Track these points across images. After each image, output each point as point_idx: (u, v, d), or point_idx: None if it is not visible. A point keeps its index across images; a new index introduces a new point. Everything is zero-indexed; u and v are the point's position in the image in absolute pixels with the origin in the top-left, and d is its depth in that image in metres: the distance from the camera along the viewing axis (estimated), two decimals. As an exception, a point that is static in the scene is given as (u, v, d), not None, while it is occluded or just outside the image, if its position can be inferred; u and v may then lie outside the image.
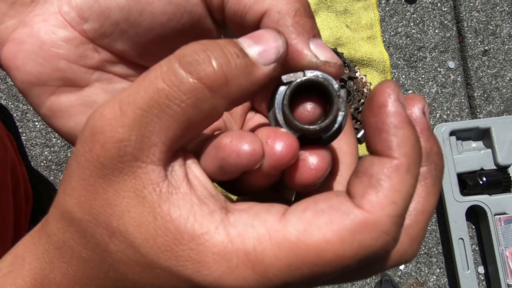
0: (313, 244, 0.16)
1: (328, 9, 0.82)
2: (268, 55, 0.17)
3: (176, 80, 0.16)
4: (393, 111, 0.17)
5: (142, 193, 0.17)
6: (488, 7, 0.85)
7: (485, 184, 0.74)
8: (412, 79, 0.82)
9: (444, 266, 0.78)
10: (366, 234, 0.16)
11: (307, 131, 0.18)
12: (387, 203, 0.16)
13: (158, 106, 0.16)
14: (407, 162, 0.16)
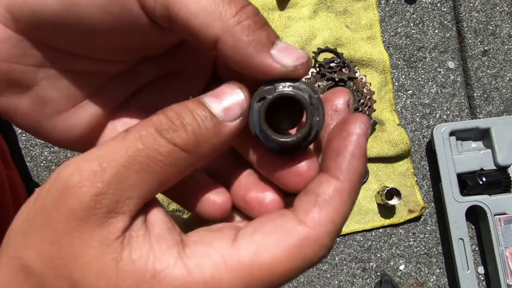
0: (265, 263, 0.18)
1: (328, 9, 0.82)
2: (233, 112, 0.19)
3: (155, 143, 0.18)
4: (357, 142, 0.19)
5: (107, 242, 0.18)
6: (487, 8, 0.85)
7: (485, 184, 0.74)
8: (412, 79, 0.82)
9: (444, 266, 0.78)
10: (309, 248, 0.18)
11: (286, 144, 0.19)
12: (327, 221, 0.18)
13: (138, 164, 0.18)
14: (350, 187, 0.19)
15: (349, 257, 0.78)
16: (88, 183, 0.17)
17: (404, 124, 0.81)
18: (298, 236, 0.18)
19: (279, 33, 0.81)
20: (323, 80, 0.79)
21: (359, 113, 0.20)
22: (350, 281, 0.77)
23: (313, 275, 0.77)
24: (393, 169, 0.79)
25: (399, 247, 0.78)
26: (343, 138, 0.19)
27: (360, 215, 0.78)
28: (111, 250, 0.18)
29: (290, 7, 0.82)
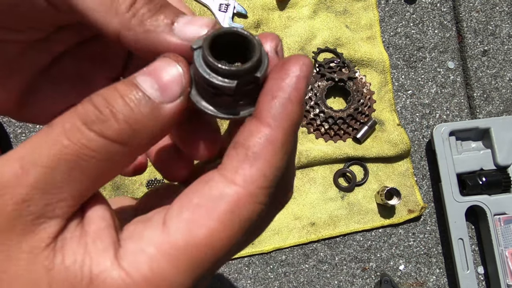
0: (202, 240, 0.16)
1: (327, 9, 0.82)
2: (171, 91, 0.17)
3: (83, 138, 0.16)
4: (295, 86, 0.17)
5: (37, 251, 0.16)
6: (487, 8, 0.85)
7: (484, 184, 0.74)
8: (411, 79, 0.82)
9: (444, 266, 0.78)
10: (243, 209, 0.17)
11: (243, 71, 0.17)
12: (258, 176, 0.17)
13: (65, 163, 0.16)
14: (284, 136, 0.17)
15: (349, 257, 0.78)
16: (9, 189, 0.15)
17: (404, 124, 0.81)
18: (228, 200, 0.17)
19: (279, 33, 0.81)
20: (323, 80, 0.79)
21: (302, 56, 0.18)
22: (350, 281, 0.77)
23: (313, 275, 0.77)
24: (393, 169, 0.79)
25: (399, 247, 0.78)
26: (280, 80, 0.17)
27: (359, 215, 0.78)
28: (42, 258, 0.16)
29: (290, 7, 0.82)
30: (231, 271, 0.77)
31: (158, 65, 0.17)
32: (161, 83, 0.17)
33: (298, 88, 0.17)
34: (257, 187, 0.17)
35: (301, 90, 0.17)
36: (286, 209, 0.78)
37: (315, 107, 0.78)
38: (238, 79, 0.17)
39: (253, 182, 0.17)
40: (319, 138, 0.80)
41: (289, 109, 0.17)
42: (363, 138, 0.79)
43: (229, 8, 0.80)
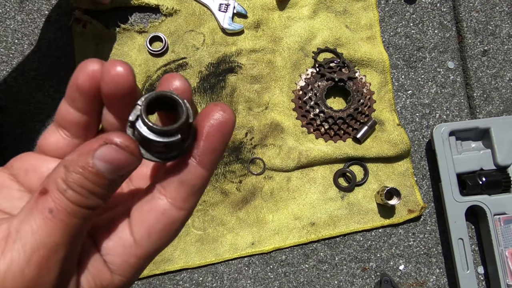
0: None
1: (327, 9, 0.82)
2: (115, 166, 0.20)
3: (64, 206, 0.20)
4: (216, 134, 0.22)
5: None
6: (487, 8, 0.85)
7: (484, 184, 0.74)
8: (411, 79, 0.82)
9: (444, 266, 0.78)
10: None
11: (171, 130, 0.20)
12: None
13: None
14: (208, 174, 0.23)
15: (349, 257, 0.78)
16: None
17: (404, 124, 0.81)
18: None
19: (278, 33, 0.81)
20: (322, 80, 0.79)
21: (218, 102, 0.22)
22: (350, 281, 0.77)
23: (313, 275, 0.77)
24: (393, 169, 0.79)
25: (398, 247, 0.78)
26: (201, 132, 0.22)
27: (359, 215, 0.78)
28: None
29: (289, 7, 0.82)
30: (231, 271, 0.77)
31: (105, 149, 0.20)
32: (105, 158, 0.20)
33: (219, 135, 0.21)
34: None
35: (221, 137, 0.22)
36: (286, 209, 0.78)
37: (315, 107, 0.78)
38: (168, 137, 0.21)
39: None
40: (319, 138, 0.80)
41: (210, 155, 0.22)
42: (363, 138, 0.79)
43: (229, 8, 0.80)
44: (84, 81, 0.22)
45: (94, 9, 0.79)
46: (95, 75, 0.22)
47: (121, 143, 0.20)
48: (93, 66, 0.22)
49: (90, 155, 0.19)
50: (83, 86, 0.22)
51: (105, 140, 0.20)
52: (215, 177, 0.78)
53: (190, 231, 0.77)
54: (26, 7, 0.80)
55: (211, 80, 0.80)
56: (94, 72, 0.22)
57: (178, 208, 0.22)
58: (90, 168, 0.19)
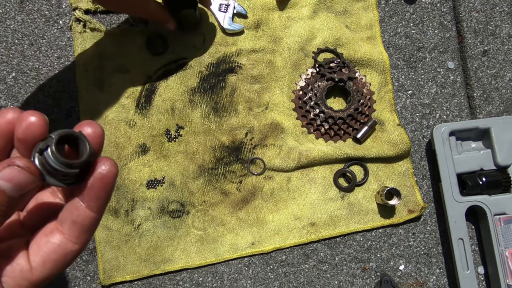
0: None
1: (327, 9, 0.82)
2: (15, 186, 0.23)
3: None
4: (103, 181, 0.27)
5: None
6: (487, 8, 0.85)
7: (484, 184, 0.74)
8: (411, 80, 0.82)
9: (444, 266, 0.78)
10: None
11: (74, 164, 0.25)
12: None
13: None
14: (100, 211, 0.27)
15: (349, 257, 0.78)
16: None
17: (404, 124, 0.81)
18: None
19: (278, 33, 0.81)
20: (323, 80, 0.79)
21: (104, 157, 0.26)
22: (350, 281, 0.77)
23: (313, 275, 0.77)
24: (393, 169, 0.79)
25: (399, 247, 0.78)
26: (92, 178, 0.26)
27: (360, 215, 0.78)
28: None
29: (290, 7, 0.82)
30: (231, 271, 0.77)
31: (8, 170, 0.23)
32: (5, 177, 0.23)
33: (101, 186, 0.26)
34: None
35: (104, 187, 0.26)
36: (286, 209, 0.78)
37: (315, 107, 0.78)
38: (70, 168, 0.25)
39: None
40: (319, 138, 0.80)
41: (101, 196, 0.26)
42: (363, 138, 0.79)
43: (229, 8, 0.80)
44: (3, 124, 0.25)
45: (94, 9, 0.79)
46: (12, 120, 0.25)
47: (23, 164, 0.23)
48: (12, 114, 0.25)
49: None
50: (1, 129, 0.25)
51: (8, 163, 0.23)
52: (215, 177, 0.78)
53: (190, 231, 0.77)
54: (26, 7, 0.80)
55: (211, 80, 0.80)
56: (12, 118, 0.25)
57: (73, 242, 0.26)
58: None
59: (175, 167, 0.77)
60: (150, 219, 0.76)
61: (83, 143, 0.26)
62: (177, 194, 0.77)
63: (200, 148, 0.78)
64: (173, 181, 0.77)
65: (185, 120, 0.79)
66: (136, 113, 0.78)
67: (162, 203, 0.77)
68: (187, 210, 0.77)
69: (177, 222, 0.77)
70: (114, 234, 0.76)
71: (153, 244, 0.76)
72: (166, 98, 0.79)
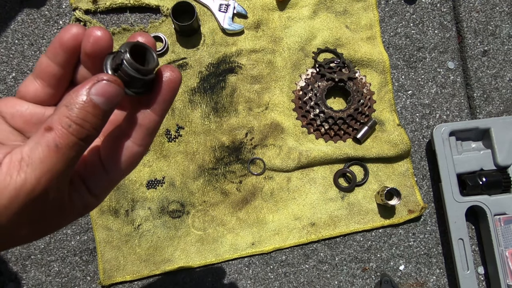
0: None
1: (327, 9, 0.82)
2: (108, 99, 0.25)
3: (66, 139, 0.25)
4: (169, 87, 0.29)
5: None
6: (487, 8, 0.85)
7: (484, 185, 0.74)
8: (411, 80, 0.82)
9: (444, 266, 0.78)
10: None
11: (149, 70, 0.26)
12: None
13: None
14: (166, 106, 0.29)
15: (349, 257, 0.78)
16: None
17: (404, 124, 0.81)
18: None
19: (278, 33, 0.81)
20: (323, 80, 0.79)
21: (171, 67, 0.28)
22: (350, 281, 0.77)
23: (313, 275, 0.77)
24: (393, 169, 0.79)
25: (399, 247, 0.78)
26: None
27: (360, 215, 0.78)
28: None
29: (290, 7, 0.82)
30: (231, 272, 0.77)
31: (99, 85, 0.25)
32: (98, 92, 0.25)
33: (168, 89, 0.28)
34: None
35: (170, 91, 0.28)
36: (286, 209, 0.78)
37: (315, 107, 0.78)
38: (146, 75, 0.26)
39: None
40: (319, 139, 0.80)
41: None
42: (363, 138, 0.79)
43: (229, 8, 0.80)
44: (68, 39, 0.27)
45: (94, 9, 0.79)
46: (78, 36, 0.27)
47: (110, 78, 0.25)
48: (77, 29, 0.27)
49: (86, 92, 0.24)
50: (67, 43, 0.27)
51: (97, 79, 0.24)
52: (215, 178, 0.78)
53: (190, 232, 0.77)
54: (26, 8, 0.80)
55: (211, 80, 0.80)
56: (78, 33, 0.27)
57: (138, 145, 0.28)
58: (89, 102, 0.24)
59: (175, 167, 0.77)
60: (150, 219, 0.76)
61: (150, 53, 0.27)
62: (177, 194, 0.77)
63: (200, 148, 0.78)
64: (173, 181, 0.77)
65: (185, 120, 0.79)
66: (136, 113, 0.78)
67: (162, 203, 0.77)
68: (187, 210, 0.77)
69: (177, 222, 0.77)
70: (114, 234, 0.76)
71: (153, 244, 0.76)
72: (166, 98, 0.79)
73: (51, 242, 0.76)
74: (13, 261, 0.75)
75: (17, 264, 0.75)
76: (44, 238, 0.76)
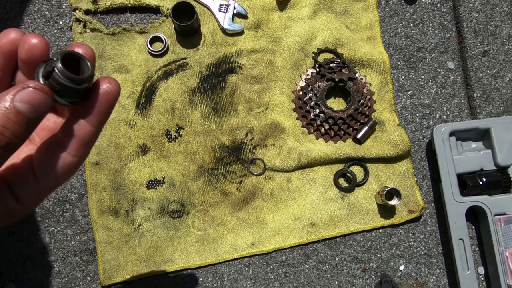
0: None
1: (328, 9, 0.82)
2: (32, 106, 0.25)
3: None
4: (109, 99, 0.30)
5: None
6: (487, 8, 0.85)
7: (485, 185, 0.74)
8: (411, 80, 0.82)
9: (444, 266, 0.78)
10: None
11: (84, 79, 0.26)
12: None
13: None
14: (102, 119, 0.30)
15: (349, 258, 0.78)
16: None
17: (404, 124, 0.81)
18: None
19: (279, 33, 0.81)
20: (323, 80, 0.79)
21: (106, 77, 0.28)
22: (350, 282, 0.77)
23: (313, 276, 0.77)
24: (393, 170, 0.79)
25: (399, 247, 0.78)
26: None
27: (360, 215, 0.78)
28: None
29: (290, 7, 0.82)
30: (231, 272, 0.77)
31: (24, 92, 0.24)
32: (20, 99, 0.24)
33: (104, 101, 0.29)
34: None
35: (106, 102, 0.29)
36: (286, 210, 0.78)
37: (315, 107, 0.78)
38: (79, 84, 0.26)
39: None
40: (319, 139, 0.80)
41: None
42: (363, 138, 0.79)
43: (229, 8, 0.80)
44: (5, 44, 0.26)
45: (94, 9, 0.79)
46: (15, 41, 0.27)
47: (37, 85, 0.24)
48: (15, 34, 0.27)
49: (10, 99, 0.23)
50: (3, 48, 0.27)
51: (23, 85, 0.24)
52: (216, 178, 0.78)
53: (190, 232, 0.77)
54: (26, 8, 0.80)
55: (211, 81, 0.80)
56: (16, 39, 0.27)
57: (72, 155, 0.28)
58: (12, 109, 0.23)
59: (175, 168, 0.77)
60: (150, 220, 0.76)
61: (84, 62, 0.27)
62: (177, 195, 0.77)
63: (200, 149, 0.78)
64: (173, 182, 0.77)
65: (185, 120, 0.79)
66: (136, 114, 0.78)
67: (162, 204, 0.77)
68: (187, 211, 0.77)
69: (177, 223, 0.77)
70: (114, 234, 0.76)
71: (153, 245, 0.76)
72: (166, 99, 0.79)
73: (51, 242, 0.76)
74: (13, 261, 0.75)
75: (17, 264, 0.75)
76: (44, 238, 0.76)
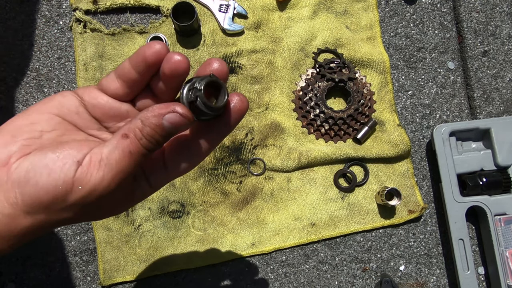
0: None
1: (328, 10, 0.82)
2: (174, 125, 0.30)
3: (137, 149, 0.31)
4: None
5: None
6: (488, 8, 0.85)
7: (485, 185, 0.74)
8: (411, 80, 0.82)
9: (444, 266, 0.78)
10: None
11: (220, 108, 0.31)
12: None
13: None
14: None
15: (349, 258, 0.78)
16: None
17: (404, 124, 0.81)
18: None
19: (279, 33, 0.81)
20: (323, 80, 0.79)
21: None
22: (350, 282, 0.77)
23: (313, 276, 0.77)
24: (393, 170, 0.79)
25: (399, 247, 0.78)
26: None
27: (360, 215, 0.78)
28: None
29: (290, 7, 0.82)
30: (231, 272, 0.77)
31: (172, 115, 0.30)
32: (169, 119, 0.30)
33: (236, 116, 0.35)
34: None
35: (238, 116, 0.35)
36: (286, 210, 0.78)
37: (315, 107, 0.78)
38: (215, 111, 0.31)
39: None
40: (319, 139, 0.80)
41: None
42: (364, 138, 0.79)
43: (229, 8, 0.80)
44: (151, 55, 0.31)
45: (94, 9, 0.79)
46: (160, 53, 0.31)
47: (183, 113, 0.29)
48: (160, 47, 0.31)
49: (161, 118, 0.29)
50: (148, 58, 0.31)
51: (173, 109, 0.29)
52: (216, 178, 0.78)
53: (191, 232, 0.77)
54: (26, 8, 0.80)
55: (212, 81, 0.79)
56: (160, 51, 0.31)
57: (197, 155, 0.35)
58: (160, 126, 0.29)
59: (175, 168, 0.77)
60: (150, 220, 0.76)
61: (223, 90, 0.31)
62: (177, 195, 0.77)
63: (200, 149, 0.78)
64: (173, 182, 0.77)
65: (185, 120, 0.78)
66: (136, 114, 0.78)
67: (162, 204, 0.77)
68: (187, 211, 0.77)
69: (177, 223, 0.77)
70: (114, 234, 0.76)
71: (153, 245, 0.76)
72: (166, 99, 0.79)
73: (51, 242, 0.76)
74: (13, 261, 0.75)
75: (17, 264, 0.75)
76: (44, 239, 0.76)
